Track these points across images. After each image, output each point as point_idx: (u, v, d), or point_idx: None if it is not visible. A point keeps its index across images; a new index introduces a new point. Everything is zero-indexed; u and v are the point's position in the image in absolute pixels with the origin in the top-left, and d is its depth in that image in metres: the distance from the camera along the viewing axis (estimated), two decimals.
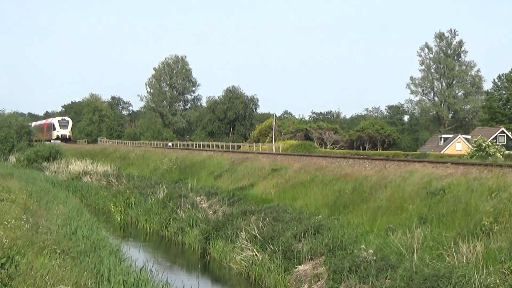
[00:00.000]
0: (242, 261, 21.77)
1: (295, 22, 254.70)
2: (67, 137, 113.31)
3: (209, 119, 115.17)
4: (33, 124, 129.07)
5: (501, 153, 57.55)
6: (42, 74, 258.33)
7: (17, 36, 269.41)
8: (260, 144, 76.62)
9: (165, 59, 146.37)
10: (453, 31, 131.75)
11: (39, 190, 35.36)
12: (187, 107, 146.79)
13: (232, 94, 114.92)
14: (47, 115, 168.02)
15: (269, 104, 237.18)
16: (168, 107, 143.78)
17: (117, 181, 44.59)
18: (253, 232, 22.37)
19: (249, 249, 21.83)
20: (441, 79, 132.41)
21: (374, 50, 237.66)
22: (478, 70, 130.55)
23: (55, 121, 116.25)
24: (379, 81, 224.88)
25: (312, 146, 75.86)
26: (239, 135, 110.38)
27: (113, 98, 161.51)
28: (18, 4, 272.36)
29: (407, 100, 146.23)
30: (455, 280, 13.86)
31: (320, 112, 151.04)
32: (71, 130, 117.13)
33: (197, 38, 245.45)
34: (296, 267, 19.30)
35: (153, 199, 34.84)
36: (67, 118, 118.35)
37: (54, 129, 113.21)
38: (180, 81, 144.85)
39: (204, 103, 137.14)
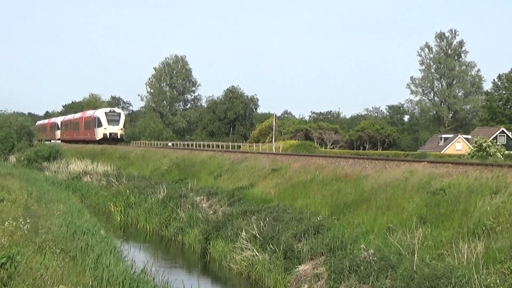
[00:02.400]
0: (242, 261, 21.76)
1: (295, 22, 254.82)
2: (118, 136, 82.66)
3: (209, 119, 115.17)
4: (60, 119, 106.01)
5: (501, 153, 57.56)
6: (42, 74, 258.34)
7: (17, 36, 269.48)
8: (260, 144, 76.62)
9: (165, 59, 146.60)
10: (453, 31, 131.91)
11: (39, 190, 35.34)
12: (187, 107, 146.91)
13: (232, 94, 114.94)
14: (47, 115, 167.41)
15: (269, 104, 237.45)
16: (168, 107, 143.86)
17: (117, 181, 44.57)
18: (253, 232, 22.36)
19: (249, 249, 21.82)
20: (441, 79, 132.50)
21: (374, 50, 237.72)
22: (478, 70, 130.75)
23: (100, 113, 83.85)
24: (379, 81, 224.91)
25: (312, 146, 75.84)
26: (239, 135, 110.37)
27: (113, 98, 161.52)
28: (18, 4, 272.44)
29: (407, 100, 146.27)
30: (455, 280, 13.85)
31: (320, 112, 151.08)
32: (124, 126, 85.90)
33: (197, 38, 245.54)
34: (296, 267, 19.29)
35: (153, 199, 34.83)
36: (118, 110, 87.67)
37: (99, 125, 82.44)
38: (180, 81, 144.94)
39: (204, 103, 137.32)
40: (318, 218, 21.80)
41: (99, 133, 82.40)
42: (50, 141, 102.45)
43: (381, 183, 23.07)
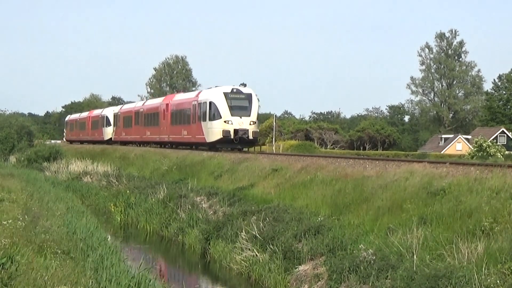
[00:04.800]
0: (242, 261, 21.77)
1: (295, 22, 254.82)
2: (250, 136, 45.13)
3: None
4: (115, 110, 76.22)
5: (502, 154, 57.60)
6: (42, 74, 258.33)
7: (17, 36, 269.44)
8: (260, 144, 76.62)
9: (166, 59, 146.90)
10: (454, 31, 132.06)
11: (39, 190, 35.34)
12: None
13: None
14: (47, 115, 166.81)
15: (269, 104, 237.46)
16: None
17: (117, 181, 44.56)
18: (253, 232, 22.37)
19: (249, 249, 21.82)
20: (442, 79, 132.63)
21: (374, 50, 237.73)
22: (479, 71, 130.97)
23: (215, 95, 46.40)
24: (379, 81, 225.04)
25: (312, 146, 75.98)
26: None
27: (113, 98, 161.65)
28: (18, 4, 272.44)
29: (407, 100, 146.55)
30: (455, 280, 13.86)
31: (321, 112, 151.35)
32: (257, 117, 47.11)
33: (197, 38, 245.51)
34: (297, 267, 19.30)
35: (153, 200, 34.84)
36: (246, 89, 46.88)
37: (214, 116, 45.79)
38: (181, 81, 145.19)
39: None
40: (319, 218, 21.79)
41: (215, 131, 45.30)
42: (93, 142, 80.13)
43: (381, 183, 23.05)
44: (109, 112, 77.10)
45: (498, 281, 13.50)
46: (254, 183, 32.28)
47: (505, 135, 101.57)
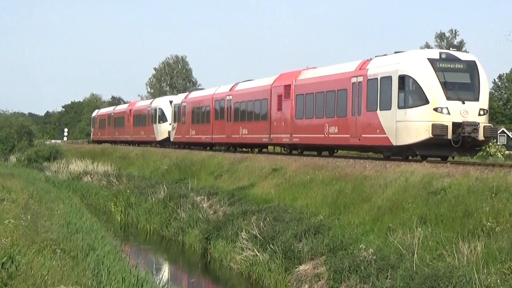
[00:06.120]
0: (242, 261, 21.79)
1: (295, 22, 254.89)
2: (479, 134, 25.25)
3: None
4: (175, 99, 55.41)
5: (502, 153, 57.50)
6: (42, 74, 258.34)
7: (17, 36, 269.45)
8: None
9: (166, 59, 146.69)
10: (454, 31, 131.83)
11: (39, 190, 35.36)
12: None
13: None
14: (47, 115, 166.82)
15: None
16: None
17: (117, 181, 44.58)
18: (254, 232, 22.37)
19: (250, 249, 21.84)
20: None
21: (374, 50, 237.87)
22: None
23: (412, 64, 25.86)
24: None
25: None
26: None
27: (113, 98, 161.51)
28: (18, 4, 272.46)
29: None
30: (456, 280, 13.87)
31: None
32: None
33: (197, 38, 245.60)
34: (297, 267, 19.31)
35: (154, 199, 34.85)
36: (466, 55, 28.01)
37: (411, 101, 25.80)
38: (181, 81, 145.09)
39: None
40: (319, 218, 21.79)
41: (413, 126, 25.62)
42: (137, 144, 64.01)
43: (381, 183, 23.06)
44: (164, 103, 57.88)
45: (498, 281, 13.51)
46: (254, 183, 32.30)
47: (505, 135, 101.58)
